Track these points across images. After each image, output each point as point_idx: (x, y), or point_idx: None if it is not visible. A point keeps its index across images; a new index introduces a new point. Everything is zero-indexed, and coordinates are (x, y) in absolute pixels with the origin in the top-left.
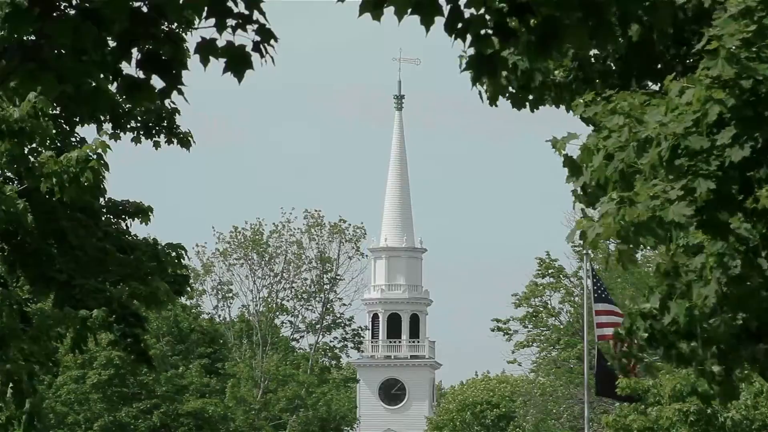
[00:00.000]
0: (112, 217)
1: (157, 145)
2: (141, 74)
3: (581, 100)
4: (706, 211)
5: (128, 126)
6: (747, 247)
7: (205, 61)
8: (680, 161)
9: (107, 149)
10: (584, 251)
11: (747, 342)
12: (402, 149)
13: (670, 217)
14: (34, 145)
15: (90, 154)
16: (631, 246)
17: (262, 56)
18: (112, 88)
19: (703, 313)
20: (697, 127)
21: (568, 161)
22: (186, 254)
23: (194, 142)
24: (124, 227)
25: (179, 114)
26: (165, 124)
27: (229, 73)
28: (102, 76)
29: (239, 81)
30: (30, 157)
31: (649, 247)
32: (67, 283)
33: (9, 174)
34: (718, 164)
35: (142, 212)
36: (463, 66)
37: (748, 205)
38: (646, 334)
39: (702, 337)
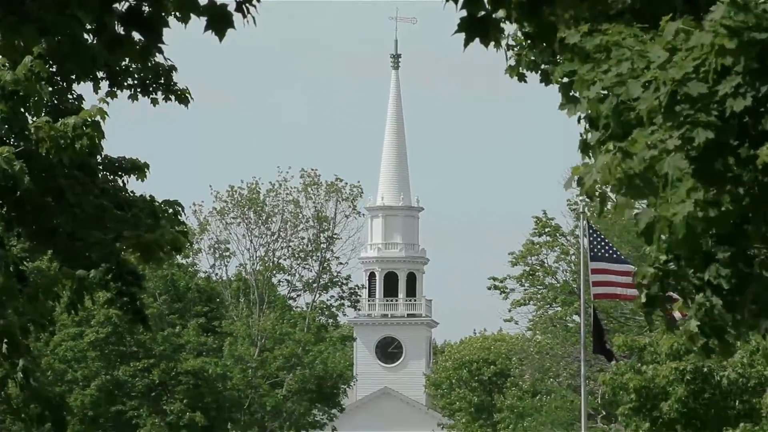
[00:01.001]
0: (108, 174)
1: (154, 102)
2: (122, 30)
3: (574, 30)
4: (703, 160)
5: (125, 83)
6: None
7: (185, 19)
8: (679, 108)
9: (105, 116)
10: (581, 198)
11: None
12: (398, 108)
13: (665, 169)
14: (29, 108)
15: (87, 120)
16: (628, 197)
17: (244, 16)
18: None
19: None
20: (697, 74)
21: (563, 87)
22: (183, 211)
23: (192, 99)
24: (121, 184)
25: (176, 71)
26: (162, 82)
27: (211, 31)
28: (86, 29)
29: (220, 39)
30: (26, 117)
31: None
32: (70, 236)
33: (5, 138)
34: (717, 114)
35: (138, 169)
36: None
37: (743, 154)
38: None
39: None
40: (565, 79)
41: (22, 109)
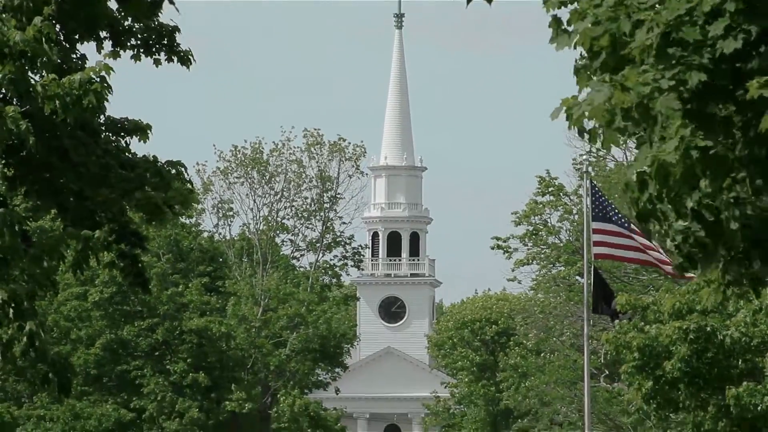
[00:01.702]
0: (111, 135)
1: (157, 62)
2: None
3: None
4: (695, 102)
5: (128, 44)
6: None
7: None
8: (672, 50)
9: (110, 72)
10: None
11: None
12: (402, 68)
13: (658, 107)
14: (35, 69)
15: (93, 76)
16: (616, 132)
17: None
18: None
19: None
20: (690, 16)
21: (554, 21)
22: (186, 171)
23: (194, 60)
24: (124, 145)
25: (179, 32)
26: (165, 42)
27: None
28: None
29: None
30: (32, 79)
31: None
32: (77, 195)
33: (11, 98)
34: (710, 57)
35: (140, 130)
36: None
37: (738, 97)
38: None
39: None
40: (556, 11)
41: (29, 70)
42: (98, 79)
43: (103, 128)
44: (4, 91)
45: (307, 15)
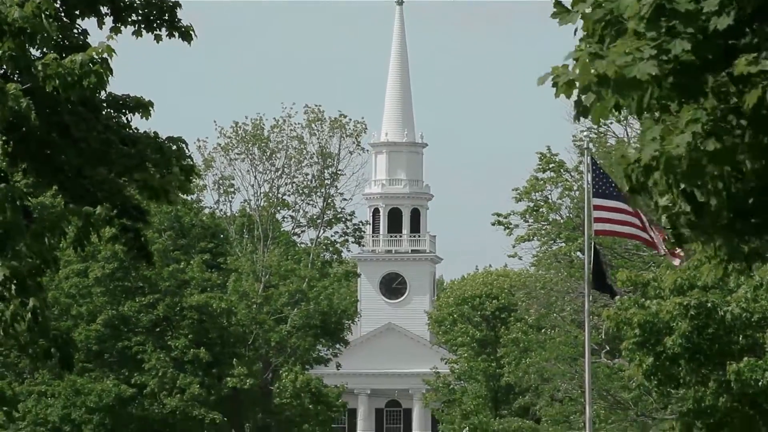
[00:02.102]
0: (112, 111)
1: (158, 38)
2: None
3: None
4: (684, 74)
5: (129, 19)
6: (726, 106)
7: None
8: (663, 20)
9: (113, 54)
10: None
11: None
12: (403, 44)
13: (633, 73)
14: (35, 46)
15: (95, 57)
16: (605, 106)
17: None
18: None
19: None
20: None
21: (557, 3)
22: (187, 147)
23: (195, 36)
24: (125, 121)
25: (180, 8)
26: (166, 18)
27: None
28: None
29: None
30: (32, 56)
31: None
32: (77, 173)
33: (12, 75)
34: (701, 28)
35: (142, 107)
36: None
37: (739, 71)
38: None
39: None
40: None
41: (29, 47)
42: (99, 60)
43: (105, 105)
44: (4, 67)
45: None
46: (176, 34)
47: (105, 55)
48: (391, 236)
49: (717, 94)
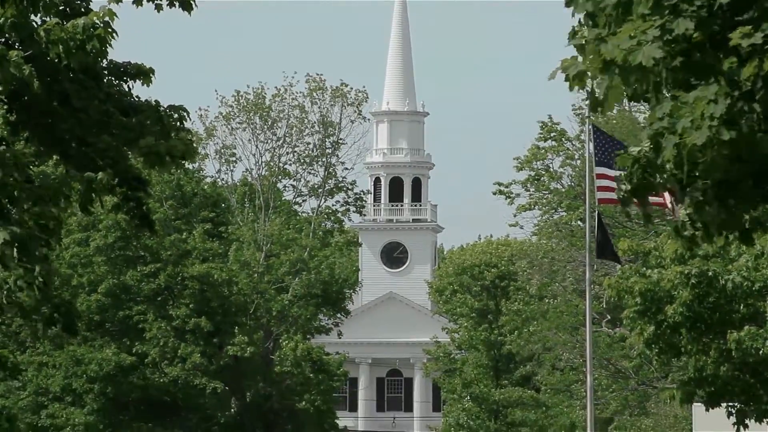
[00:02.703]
0: (113, 79)
1: (158, 7)
2: None
3: None
4: (693, 52)
5: None
6: (739, 93)
7: None
8: (666, 1)
9: (114, 17)
10: (583, 99)
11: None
12: (404, 12)
13: (639, 59)
14: (38, 12)
15: (97, 21)
16: (613, 89)
17: None
18: None
19: (692, 148)
20: None
21: None
22: (188, 116)
23: (196, 5)
24: (126, 89)
25: None
26: None
27: None
28: None
29: None
30: (34, 23)
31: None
32: (79, 142)
33: (13, 41)
34: (705, 5)
35: (143, 74)
36: None
37: (734, 43)
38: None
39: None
40: None
41: (31, 14)
42: (102, 24)
43: (106, 72)
44: (6, 35)
45: None
46: (176, 3)
47: (107, 18)
48: (392, 205)
49: (729, 80)
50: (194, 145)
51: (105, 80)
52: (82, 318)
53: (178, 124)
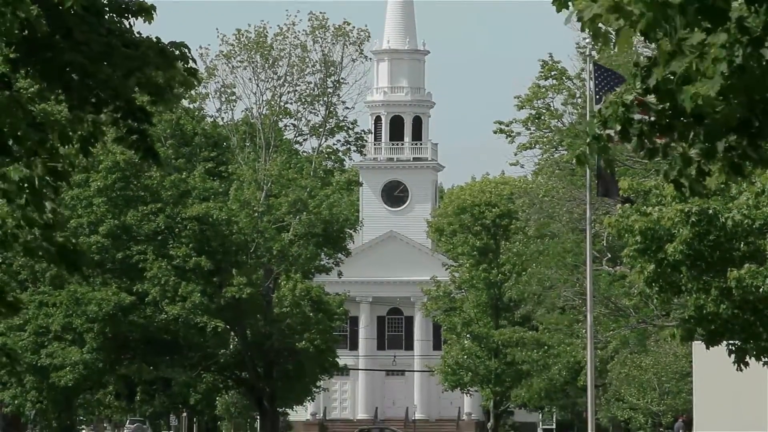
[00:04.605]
0: (114, 15)
1: None
2: None
3: None
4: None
5: None
6: (749, 38)
7: None
8: None
9: None
10: (586, 38)
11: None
12: None
13: None
14: None
15: None
16: (627, 26)
17: None
18: None
19: (708, 98)
20: None
21: None
22: (189, 53)
23: None
24: (128, 26)
25: None
26: None
27: None
28: None
29: None
30: None
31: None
32: (84, 72)
33: None
34: None
35: (144, 11)
36: None
37: None
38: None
39: (705, 122)
40: None
41: None
42: None
43: (107, 8)
44: None
45: None
46: None
47: None
48: (392, 144)
49: (740, 26)
50: (196, 73)
51: (106, 17)
52: (86, 257)
53: (182, 57)
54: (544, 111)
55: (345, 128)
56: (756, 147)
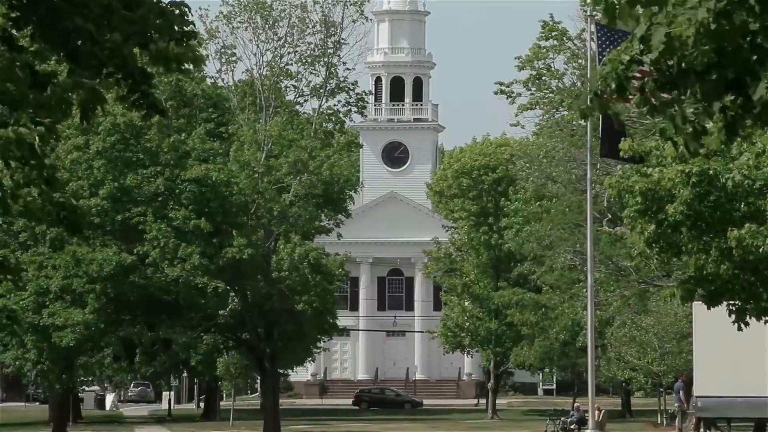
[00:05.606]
0: None
1: None
2: None
3: None
4: None
5: None
6: None
7: None
8: None
9: None
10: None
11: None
12: None
13: None
14: None
15: None
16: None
17: None
18: None
19: (684, 42)
20: None
21: None
22: (189, 12)
23: None
24: None
25: None
26: None
27: None
28: None
29: None
30: None
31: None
32: (89, 38)
33: None
34: None
35: None
36: None
37: None
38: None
39: (679, 66)
40: None
41: None
42: None
43: None
44: None
45: None
46: None
47: None
48: (393, 105)
49: None
50: (195, 35)
51: None
52: (86, 218)
53: (181, 18)
54: (544, 71)
55: (345, 89)
56: (749, 108)
